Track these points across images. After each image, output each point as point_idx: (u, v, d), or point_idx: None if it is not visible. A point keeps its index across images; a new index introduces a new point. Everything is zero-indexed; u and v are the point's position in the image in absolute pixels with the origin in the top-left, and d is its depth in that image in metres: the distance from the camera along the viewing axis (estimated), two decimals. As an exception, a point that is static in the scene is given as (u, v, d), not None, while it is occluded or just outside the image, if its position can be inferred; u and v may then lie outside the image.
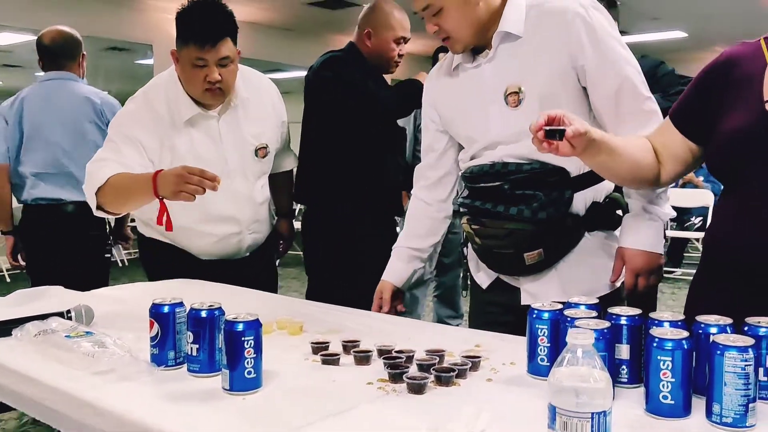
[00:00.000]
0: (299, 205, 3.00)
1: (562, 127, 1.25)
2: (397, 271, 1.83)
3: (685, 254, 6.49)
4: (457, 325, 3.78)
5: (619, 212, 1.61)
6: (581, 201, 1.57)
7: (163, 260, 2.17)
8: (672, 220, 6.72)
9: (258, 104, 2.17)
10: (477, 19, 1.57)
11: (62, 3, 6.68)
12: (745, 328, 1.05)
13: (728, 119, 1.28)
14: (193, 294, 1.84)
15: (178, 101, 2.03)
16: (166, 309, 1.24)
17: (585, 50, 1.51)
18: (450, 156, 1.79)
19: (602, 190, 1.60)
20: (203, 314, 1.19)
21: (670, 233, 6.48)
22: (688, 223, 6.11)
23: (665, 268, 6.78)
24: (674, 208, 1.60)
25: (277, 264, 2.54)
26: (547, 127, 1.26)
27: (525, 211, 1.53)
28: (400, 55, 2.55)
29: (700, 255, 1.50)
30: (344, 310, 1.70)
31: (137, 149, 1.96)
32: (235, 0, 7.77)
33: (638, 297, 1.54)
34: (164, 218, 1.79)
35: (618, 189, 1.62)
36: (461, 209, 1.69)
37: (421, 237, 1.84)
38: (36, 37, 2.99)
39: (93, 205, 1.92)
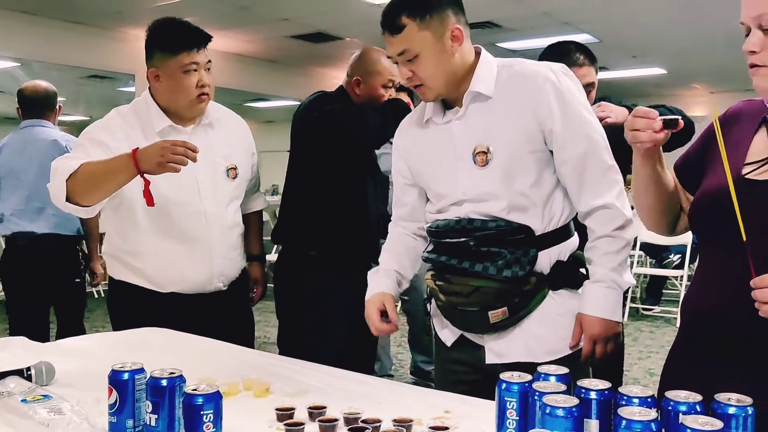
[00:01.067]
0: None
1: (675, 117, 1.25)
2: (389, 285, 1.76)
3: (663, 291, 6.51)
4: (431, 371, 3.76)
5: (583, 270, 1.62)
6: (546, 259, 1.57)
7: (133, 305, 2.12)
8: (651, 257, 6.83)
9: (228, 128, 2.25)
10: (451, 70, 1.57)
11: (45, 33, 6.66)
12: (715, 407, 1.04)
13: (710, 176, 1.28)
14: (161, 345, 1.82)
15: (150, 114, 2.09)
16: (125, 376, 1.20)
17: (554, 115, 1.52)
18: (423, 209, 1.77)
19: (567, 248, 1.61)
20: (163, 383, 1.15)
21: (650, 270, 6.52)
22: (666, 261, 6.13)
23: (644, 306, 6.80)
24: (653, 245, 1.63)
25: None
26: (665, 117, 1.25)
27: (490, 269, 1.53)
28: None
29: (678, 292, 1.51)
30: (315, 368, 1.66)
31: (106, 153, 1.95)
32: (222, 32, 7.81)
33: (604, 362, 1.55)
34: (148, 193, 1.84)
35: (581, 248, 1.63)
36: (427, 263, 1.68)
37: (406, 268, 1.80)
38: (19, 64, 3.42)
39: (62, 196, 1.88)
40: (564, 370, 1.21)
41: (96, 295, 6.89)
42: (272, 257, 6.98)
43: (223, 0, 6.12)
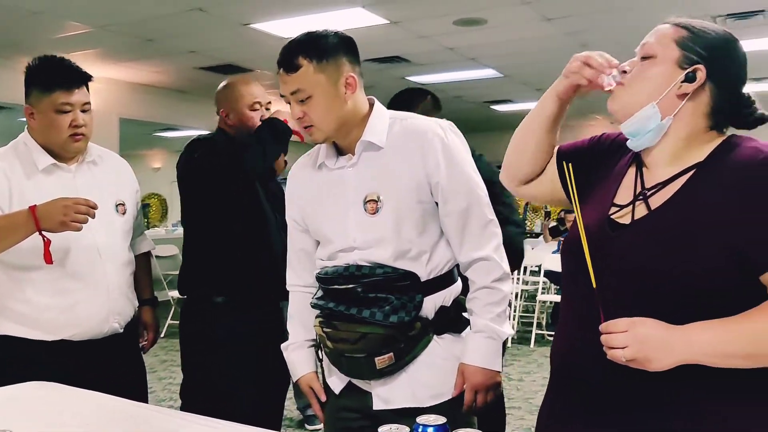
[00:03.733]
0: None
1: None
2: (308, 361, 1.78)
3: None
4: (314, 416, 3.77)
5: (466, 314, 1.67)
6: (431, 305, 1.62)
7: (15, 360, 2.03)
8: (555, 284, 7.04)
9: (112, 166, 2.26)
10: (342, 116, 1.60)
11: (-64, 62, 6.37)
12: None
13: (584, 208, 1.30)
14: (47, 403, 1.75)
15: (31, 153, 2.06)
16: (-7, 445, 1.16)
17: (440, 169, 1.59)
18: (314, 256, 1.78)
19: (450, 294, 1.66)
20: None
21: (554, 297, 6.74)
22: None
23: (549, 332, 6.99)
24: (557, 272, 1.70)
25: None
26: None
27: (377, 314, 1.56)
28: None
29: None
30: (217, 424, 1.62)
31: None
32: (128, 64, 7.67)
33: (485, 410, 1.60)
34: (48, 252, 1.87)
35: (464, 292, 1.69)
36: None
37: (310, 330, 1.77)
38: None
39: None
40: (442, 419, 1.23)
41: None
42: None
43: (128, 32, 6.01)
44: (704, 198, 1.16)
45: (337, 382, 1.72)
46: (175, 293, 6.85)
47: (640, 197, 1.24)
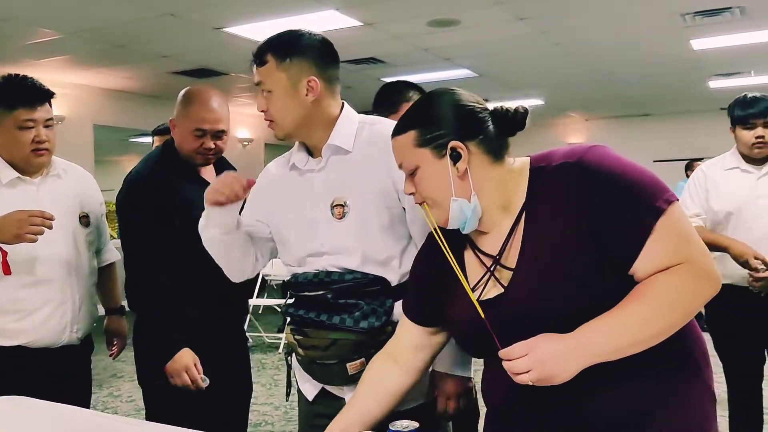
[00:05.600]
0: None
1: None
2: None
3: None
4: None
5: None
6: (401, 309, 1.60)
7: None
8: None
9: (76, 179, 2.28)
10: (302, 116, 1.60)
11: None
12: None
13: (449, 308, 1.34)
14: (17, 418, 1.71)
15: None
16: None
17: None
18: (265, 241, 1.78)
19: None
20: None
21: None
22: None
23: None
24: None
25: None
26: None
27: (347, 320, 1.55)
28: (207, 149, 2.16)
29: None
30: None
31: None
32: (100, 70, 7.60)
33: (458, 416, 1.60)
34: (6, 264, 1.94)
35: None
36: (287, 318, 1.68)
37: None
38: None
39: None
40: (415, 424, 1.23)
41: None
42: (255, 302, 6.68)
43: (99, 38, 5.95)
44: (549, 230, 1.21)
45: (310, 388, 1.71)
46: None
47: (494, 265, 1.28)
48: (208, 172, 2.28)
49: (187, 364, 2.04)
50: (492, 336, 1.20)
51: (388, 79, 8.07)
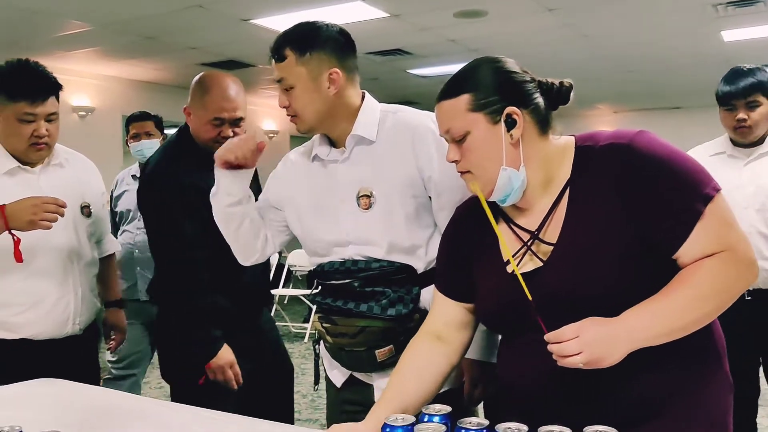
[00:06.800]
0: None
1: None
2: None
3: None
4: None
5: None
6: (428, 296, 1.61)
7: None
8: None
9: (78, 169, 2.25)
10: (326, 109, 1.60)
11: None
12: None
13: (481, 282, 1.35)
14: (53, 399, 1.76)
15: None
16: (0, 442, 1.17)
17: (433, 163, 1.58)
18: (279, 230, 1.79)
19: None
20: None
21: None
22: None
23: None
24: None
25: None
26: None
27: (375, 308, 1.56)
28: (225, 138, 2.04)
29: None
30: (210, 416, 1.63)
31: None
32: (129, 62, 7.65)
33: (486, 400, 1.60)
34: (18, 251, 1.91)
35: None
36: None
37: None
38: None
39: None
40: (447, 408, 1.24)
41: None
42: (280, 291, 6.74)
43: (129, 30, 6.01)
44: (594, 208, 1.22)
45: (339, 375, 1.73)
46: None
47: (532, 239, 1.28)
48: None
49: (231, 360, 2.06)
50: (523, 310, 1.21)
51: (415, 71, 8.12)
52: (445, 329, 1.41)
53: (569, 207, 1.25)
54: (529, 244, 1.28)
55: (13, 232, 1.90)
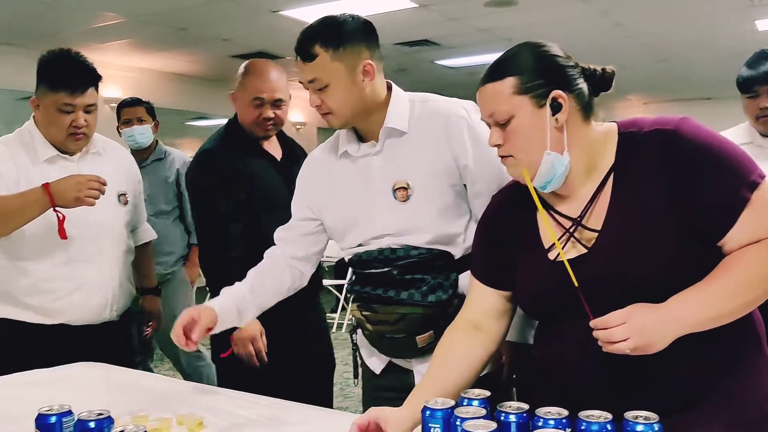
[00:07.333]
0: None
1: None
2: (223, 304, 1.65)
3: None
4: None
5: None
6: (466, 281, 1.60)
7: (15, 343, 2.08)
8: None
9: (116, 158, 2.30)
10: (361, 103, 1.58)
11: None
12: (624, 424, 1.10)
13: (521, 269, 1.34)
14: (91, 381, 1.81)
15: (35, 144, 2.11)
16: (52, 419, 1.19)
17: (467, 151, 1.58)
18: (314, 240, 1.78)
19: None
20: (91, 425, 1.15)
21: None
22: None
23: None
24: None
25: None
26: None
27: (415, 295, 1.57)
28: (266, 119, 2.23)
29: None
30: (249, 399, 1.67)
31: None
32: (161, 53, 7.73)
33: (523, 382, 1.60)
34: (63, 228, 1.97)
35: None
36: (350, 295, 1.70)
37: (259, 297, 1.72)
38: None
39: None
40: (486, 393, 1.25)
41: None
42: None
43: (161, 22, 6.08)
44: (639, 194, 1.21)
45: (377, 362, 1.74)
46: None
47: (575, 226, 1.27)
48: (273, 148, 2.33)
49: (253, 335, 2.08)
50: (566, 297, 1.21)
51: (443, 62, 8.09)
52: (482, 319, 1.41)
53: (614, 193, 1.25)
54: (572, 230, 1.28)
55: (58, 209, 1.94)
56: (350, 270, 1.71)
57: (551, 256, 1.29)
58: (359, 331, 1.73)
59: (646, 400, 1.17)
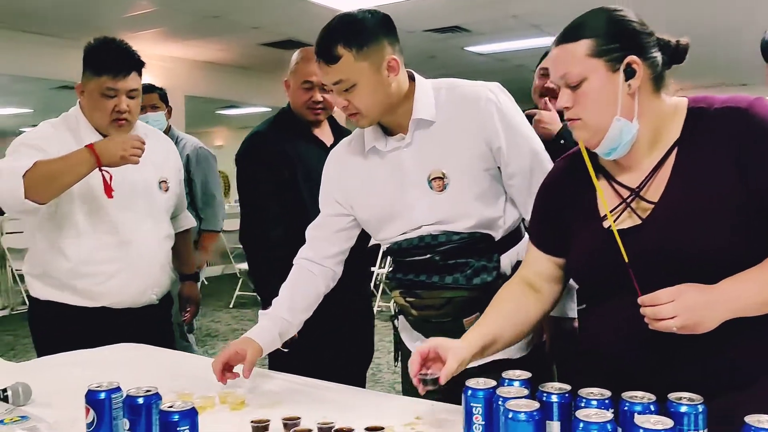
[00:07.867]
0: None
1: (435, 375, 1.28)
2: (264, 335, 1.66)
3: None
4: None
5: None
6: (507, 261, 1.63)
7: (59, 324, 2.12)
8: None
9: (157, 144, 2.31)
10: (388, 100, 1.57)
11: (11, 45, 6.64)
12: (668, 405, 1.09)
13: (576, 237, 1.34)
14: (135, 360, 1.85)
15: (80, 128, 2.15)
16: (102, 395, 1.22)
17: (499, 133, 1.57)
18: (347, 235, 1.77)
19: (522, 248, 1.64)
20: (139, 401, 1.18)
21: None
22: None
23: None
24: None
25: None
26: (422, 376, 1.29)
27: (460, 279, 1.58)
28: (315, 102, 2.28)
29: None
30: (288, 379, 1.69)
31: (44, 157, 1.98)
32: (193, 42, 7.77)
33: (566, 357, 1.61)
34: (109, 186, 2.01)
35: None
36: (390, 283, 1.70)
37: (296, 313, 1.72)
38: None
39: (20, 192, 1.90)
40: (527, 374, 1.25)
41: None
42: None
43: (194, 10, 6.12)
44: (703, 170, 1.20)
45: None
46: (243, 265, 7.08)
47: (633, 196, 1.26)
48: (324, 135, 2.35)
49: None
50: (616, 269, 1.21)
51: (473, 48, 8.04)
52: (537, 279, 1.43)
53: (675, 166, 1.23)
54: (629, 201, 1.27)
55: (104, 169, 1.98)
56: (379, 258, 1.71)
57: (605, 224, 1.28)
58: (401, 317, 1.73)
59: (691, 381, 1.16)
